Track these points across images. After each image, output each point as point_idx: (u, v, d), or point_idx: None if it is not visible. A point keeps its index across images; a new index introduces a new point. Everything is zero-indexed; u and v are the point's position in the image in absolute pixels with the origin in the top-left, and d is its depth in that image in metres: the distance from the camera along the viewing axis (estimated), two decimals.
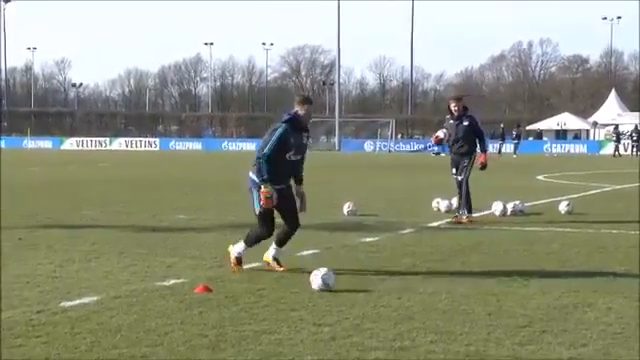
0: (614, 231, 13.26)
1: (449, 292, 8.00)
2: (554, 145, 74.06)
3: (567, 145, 75.82)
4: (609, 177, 28.92)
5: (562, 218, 15.27)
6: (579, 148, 73.71)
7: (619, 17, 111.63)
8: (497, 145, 62.73)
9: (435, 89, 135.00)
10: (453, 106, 14.97)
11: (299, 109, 9.35)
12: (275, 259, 9.40)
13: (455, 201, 15.38)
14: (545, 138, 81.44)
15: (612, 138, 66.70)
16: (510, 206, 15.64)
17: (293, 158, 9.32)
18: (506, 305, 7.51)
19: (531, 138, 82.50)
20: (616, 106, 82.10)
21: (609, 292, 8.08)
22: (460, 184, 14.75)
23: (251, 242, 9.43)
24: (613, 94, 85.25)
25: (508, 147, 65.82)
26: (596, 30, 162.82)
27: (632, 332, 6.52)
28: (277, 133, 9.13)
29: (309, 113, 9.41)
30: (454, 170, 14.97)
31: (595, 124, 79.71)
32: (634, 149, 62.43)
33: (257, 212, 9.29)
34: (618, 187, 23.89)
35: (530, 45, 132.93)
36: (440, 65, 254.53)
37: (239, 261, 9.43)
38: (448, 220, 14.60)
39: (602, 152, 68.67)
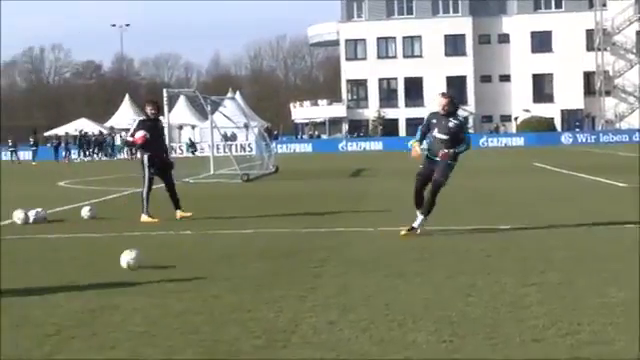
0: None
1: None
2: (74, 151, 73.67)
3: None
4: (127, 181, 29.55)
5: (85, 223, 15.32)
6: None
7: (127, 24, 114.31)
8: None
9: None
10: None
11: None
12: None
13: None
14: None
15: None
16: (32, 214, 15.32)
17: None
18: (33, 314, 7.38)
19: (49, 145, 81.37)
20: (131, 111, 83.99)
21: (135, 293, 8.28)
22: None
23: None
24: (127, 99, 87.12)
25: (27, 154, 64.58)
26: (106, 36, 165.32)
27: (158, 330, 6.75)
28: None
29: None
30: None
31: (112, 129, 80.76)
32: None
33: None
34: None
35: (42, 51, 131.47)
36: None
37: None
38: None
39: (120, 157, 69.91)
